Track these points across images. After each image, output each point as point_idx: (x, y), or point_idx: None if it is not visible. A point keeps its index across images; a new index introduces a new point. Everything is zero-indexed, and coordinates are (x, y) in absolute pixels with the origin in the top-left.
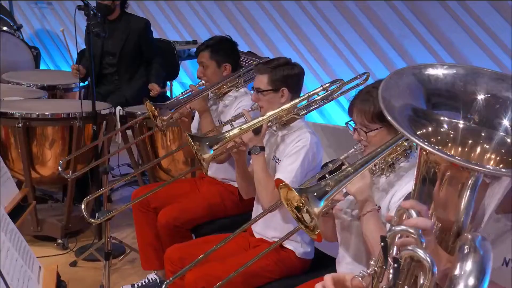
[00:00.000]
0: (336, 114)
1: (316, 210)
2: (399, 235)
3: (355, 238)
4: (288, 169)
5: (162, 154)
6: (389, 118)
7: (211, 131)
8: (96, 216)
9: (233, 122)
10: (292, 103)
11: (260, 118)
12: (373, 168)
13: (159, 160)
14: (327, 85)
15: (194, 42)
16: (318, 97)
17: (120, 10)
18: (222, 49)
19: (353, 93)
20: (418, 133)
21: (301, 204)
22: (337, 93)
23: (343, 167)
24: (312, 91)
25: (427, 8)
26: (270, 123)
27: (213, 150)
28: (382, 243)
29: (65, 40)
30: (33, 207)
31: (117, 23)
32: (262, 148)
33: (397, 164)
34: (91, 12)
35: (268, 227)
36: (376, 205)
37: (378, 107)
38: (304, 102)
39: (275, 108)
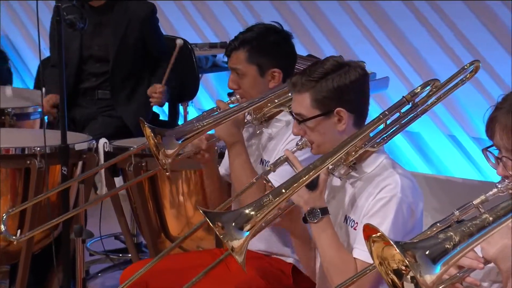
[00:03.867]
0: (450, 158)
1: (429, 278)
2: None
3: None
4: None
5: (170, 215)
6: None
7: (250, 187)
8: None
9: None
10: (362, 132)
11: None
12: None
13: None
14: (416, 91)
15: (223, 44)
16: (402, 114)
17: None
18: (268, 46)
19: None
20: None
21: (403, 268)
22: (430, 101)
23: (477, 214)
24: (390, 107)
25: None
26: (331, 167)
27: (248, 231)
28: None
29: None
30: None
31: (107, 14)
32: (325, 211)
33: None
34: None
35: None
36: None
37: None
38: (381, 126)
39: (333, 141)
